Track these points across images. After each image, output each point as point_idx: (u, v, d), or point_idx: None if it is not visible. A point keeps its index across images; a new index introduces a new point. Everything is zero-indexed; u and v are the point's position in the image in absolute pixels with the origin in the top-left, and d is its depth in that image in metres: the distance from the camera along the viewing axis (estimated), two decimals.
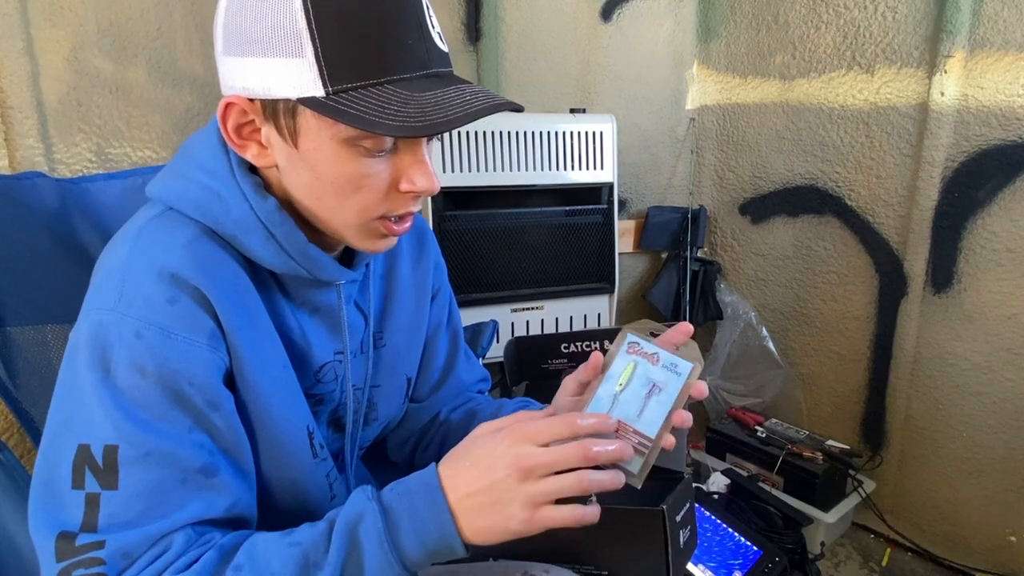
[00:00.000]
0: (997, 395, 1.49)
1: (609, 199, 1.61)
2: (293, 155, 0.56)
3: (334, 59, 0.51)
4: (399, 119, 0.51)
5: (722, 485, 1.56)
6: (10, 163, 0.92)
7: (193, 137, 0.64)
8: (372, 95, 0.52)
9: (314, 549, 0.52)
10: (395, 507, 0.53)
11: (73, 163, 1.00)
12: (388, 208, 0.59)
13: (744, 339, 1.87)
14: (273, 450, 0.61)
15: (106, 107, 1.04)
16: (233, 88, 0.56)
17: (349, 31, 0.51)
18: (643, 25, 1.81)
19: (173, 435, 0.53)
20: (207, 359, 0.54)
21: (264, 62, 0.53)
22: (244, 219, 0.58)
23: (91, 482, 0.50)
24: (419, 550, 0.52)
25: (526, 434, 0.52)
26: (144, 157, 1.11)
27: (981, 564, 1.55)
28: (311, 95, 0.52)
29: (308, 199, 0.59)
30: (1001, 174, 1.42)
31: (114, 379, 0.52)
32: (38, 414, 0.79)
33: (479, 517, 0.52)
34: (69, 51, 0.98)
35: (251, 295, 0.59)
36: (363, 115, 0.51)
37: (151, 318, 0.52)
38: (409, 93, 0.53)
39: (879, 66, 1.57)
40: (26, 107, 0.93)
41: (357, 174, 0.56)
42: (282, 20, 0.51)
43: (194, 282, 0.54)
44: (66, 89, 0.98)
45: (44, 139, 0.95)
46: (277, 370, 0.61)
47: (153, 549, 0.51)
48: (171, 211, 0.59)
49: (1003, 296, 1.45)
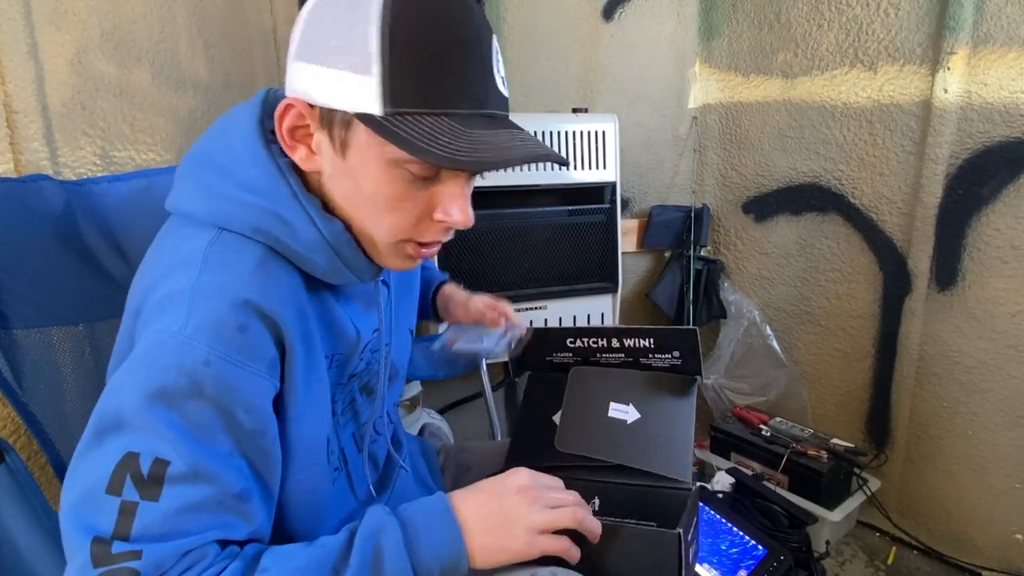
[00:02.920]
0: (1002, 392, 1.48)
1: (612, 198, 1.61)
2: (339, 165, 0.59)
3: (397, 83, 0.53)
4: (449, 151, 0.53)
5: (727, 484, 1.55)
6: (15, 166, 0.92)
7: (212, 144, 0.63)
8: (427, 123, 0.54)
9: (336, 555, 0.55)
10: (412, 521, 0.58)
11: (78, 166, 1.00)
12: (417, 234, 0.62)
13: (748, 338, 1.87)
14: (294, 457, 0.63)
15: (110, 110, 1.04)
16: (295, 91, 0.58)
17: (417, 59, 0.54)
18: (645, 24, 1.81)
19: (221, 457, 0.54)
20: (263, 387, 0.57)
21: (330, 72, 0.55)
22: (314, 242, 0.60)
23: (130, 491, 0.51)
24: (433, 563, 0.57)
25: (530, 475, 0.63)
26: (148, 160, 1.11)
27: (987, 562, 1.54)
28: (369, 112, 0.54)
29: (347, 207, 0.62)
30: (1005, 170, 1.41)
31: (177, 399, 0.53)
32: (44, 416, 0.80)
33: (486, 534, 0.58)
34: (73, 55, 0.98)
35: (308, 307, 0.62)
36: (415, 141, 0.53)
37: (220, 346, 0.54)
38: (463, 128, 0.55)
39: (882, 63, 1.57)
40: (31, 111, 0.93)
41: (396, 195, 0.59)
42: (356, 37, 0.53)
43: (265, 308, 0.56)
44: (70, 93, 0.98)
45: (49, 142, 0.96)
46: (319, 383, 0.64)
47: (184, 560, 0.52)
48: (227, 233, 0.59)
49: (1008, 293, 1.45)
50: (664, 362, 0.89)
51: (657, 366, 0.90)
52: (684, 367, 0.89)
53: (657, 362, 0.90)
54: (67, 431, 0.81)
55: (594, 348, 0.92)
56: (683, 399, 0.87)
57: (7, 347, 0.77)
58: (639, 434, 0.85)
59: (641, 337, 0.89)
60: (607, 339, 0.91)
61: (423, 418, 1.61)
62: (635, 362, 0.91)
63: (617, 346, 0.90)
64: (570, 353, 0.93)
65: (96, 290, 0.83)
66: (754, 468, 1.70)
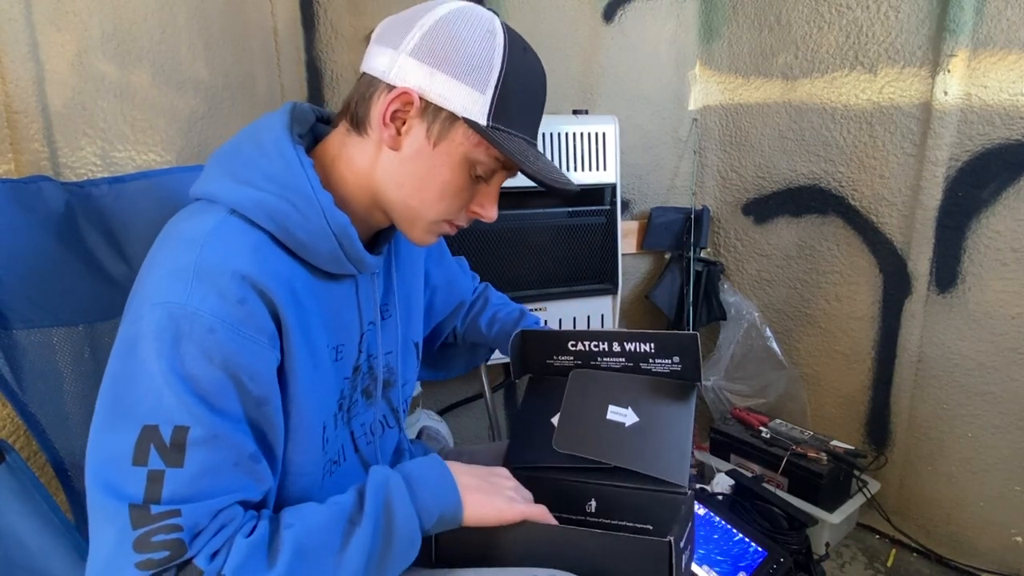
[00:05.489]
0: (1002, 394, 1.49)
1: (612, 200, 1.61)
2: (424, 151, 0.68)
3: (501, 105, 0.67)
4: (535, 167, 0.69)
5: (726, 486, 1.55)
6: (16, 167, 0.92)
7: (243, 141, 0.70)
8: (514, 141, 0.69)
9: (351, 508, 0.63)
10: (413, 475, 0.68)
11: (78, 167, 1.00)
12: (455, 217, 0.74)
13: (748, 339, 1.87)
14: (292, 437, 0.67)
15: (111, 111, 1.04)
16: (407, 83, 0.67)
17: (516, 92, 0.68)
18: (645, 26, 1.81)
19: (234, 421, 0.59)
20: (267, 357, 0.61)
21: (450, 80, 0.66)
22: (320, 231, 0.67)
23: (155, 460, 0.55)
24: (434, 509, 0.67)
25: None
26: (149, 160, 1.11)
27: (987, 564, 1.54)
28: (475, 120, 0.66)
29: (408, 188, 0.70)
30: (1005, 173, 1.42)
31: (186, 367, 0.56)
32: (44, 416, 0.80)
33: (476, 491, 0.70)
34: (74, 55, 0.98)
35: (307, 297, 0.67)
36: (514, 153, 0.67)
37: (223, 315, 0.58)
38: (532, 150, 0.71)
39: (882, 66, 1.57)
40: (31, 112, 0.93)
41: (459, 186, 0.71)
42: (483, 64, 0.66)
43: (261, 285, 0.61)
44: (71, 93, 0.98)
45: (49, 143, 0.96)
46: (322, 364, 0.70)
47: (217, 519, 0.57)
48: (235, 215, 0.64)
49: (1008, 295, 1.45)
50: (664, 367, 0.89)
51: (657, 371, 0.90)
52: (684, 373, 0.89)
53: (657, 367, 0.90)
54: (67, 432, 0.81)
55: (595, 352, 0.92)
56: (682, 404, 0.87)
57: (7, 347, 0.77)
58: (637, 437, 0.85)
59: (642, 341, 0.89)
60: (608, 343, 0.91)
61: (422, 420, 1.61)
62: (635, 366, 0.91)
63: (618, 350, 0.90)
64: (571, 356, 0.93)
65: (96, 291, 0.83)
66: (754, 470, 1.70)
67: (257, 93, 1.42)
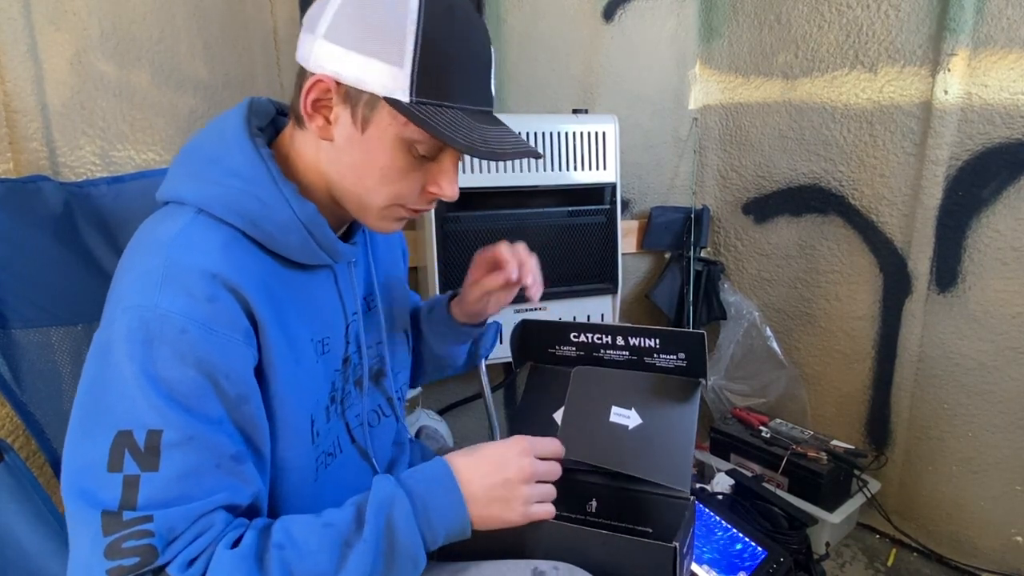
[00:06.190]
0: (1002, 394, 1.48)
1: (612, 199, 1.61)
2: (355, 137, 0.65)
3: (424, 77, 0.61)
4: (468, 140, 0.62)
5: (726, 485, 1.55)
6: (15, 167, 0.92)
7: (204, 140, 0.69)
8: (445, 114, 0.63)
9: (347, 529, 0.60)
10: (420, 493, 0.64)
11: (77, 166, 1.00)
12: (410, 201, 0.70)
13: (748, 339, 1.87)
14: (278, 434, 0.66)
15: (110, 110, 1.04)
16: (324, 69, 0.63)
17: (442, 59, 0.62)
18: (645, 25, 1.81)
19: (212, 422, 0.57)
20: (242, 355, 0.60)
21: (365, 59, 0.61)
22: (288, 222, 0.65)
23: (130, 465, 0.54)
24: (440, 531, 0.63)
25: (529, 447, 0.69)
26: (148, 160, 1.11)
27: (987, 564, 1.54)
28: (397, 98, 0.62)
29: (350, 177, 0.68)
30: (1005, 172, 1.41)
31: (159, 370, 0.55)
32: (43, 416, 0.80)
33: (488, 506, 0.65)
34: (73, 55, 0.98)
35: (281, 290, 0.66)
36: (440, 128, 0.61)
37: (194, 315, 0.57)
38: (471, 121, 0.64)
39: (882, 65, 1.57)
40: (30, 111, 0.93)
41: (401, 168, 0.66)
42: (394, 35, 0.60)
43: (232, 282, 0.60)
44: (70, 93, 0.98)
45: (48, 143, 0.96)
46: (305, 358, 0.68)
47: (195, 526, 0.56)
48: (202, 214, 0.63)
49: (1008, 295, 1.45)
50: (669, 363, 0.89)
51: (661, 366, 0.89)
52: (689, 369, 0.88)
53: (662, 362, 0.89)
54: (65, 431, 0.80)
55: (598, 344, 0.91)
56: (686, 404, 0.87)
57: (6, 347, 0.77)
58: (640, 441, 0.85)
59: (647, 337, 0.88)
60: (611, 336, 0.90)
61: (422, 419, 1.61)
62: (639, 361, 0.90)
63: (622, 344, 0.90)
64: (573, 347, 0.93)
65: (95, 291, 0.83)
66: (754, 470, 1.70)
67: (257, 93, 1.41)
